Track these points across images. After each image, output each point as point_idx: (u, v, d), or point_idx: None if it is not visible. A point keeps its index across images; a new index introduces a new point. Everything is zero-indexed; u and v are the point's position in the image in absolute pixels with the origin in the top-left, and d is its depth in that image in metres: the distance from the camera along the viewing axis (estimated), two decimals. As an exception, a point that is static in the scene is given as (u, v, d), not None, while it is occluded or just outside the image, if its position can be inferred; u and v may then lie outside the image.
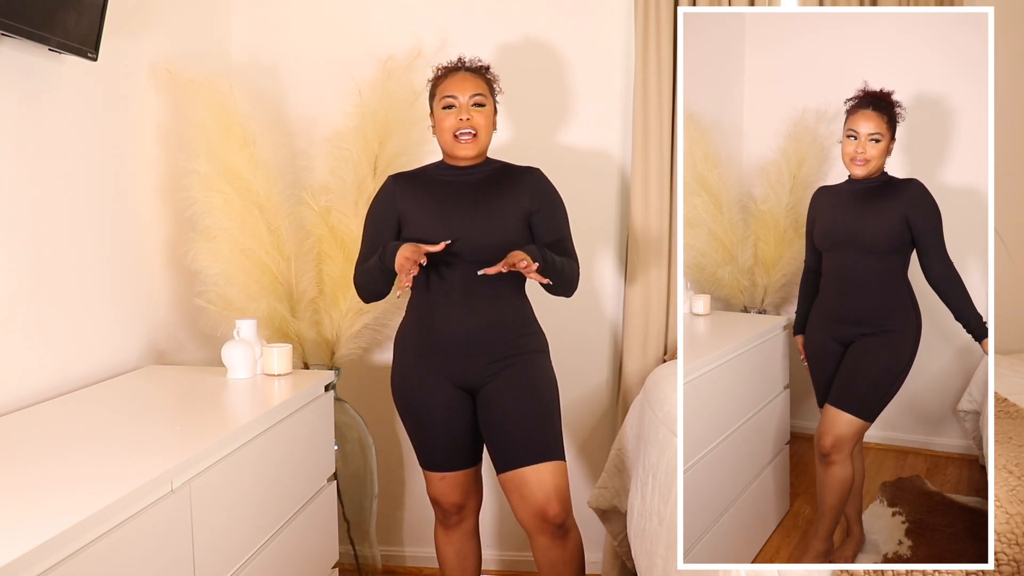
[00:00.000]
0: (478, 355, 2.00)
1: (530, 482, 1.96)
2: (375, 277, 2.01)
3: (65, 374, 1.94)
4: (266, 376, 2.08)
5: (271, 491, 1.79)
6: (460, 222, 1.99)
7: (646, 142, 2.59)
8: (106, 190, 2.12)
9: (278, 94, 2.75)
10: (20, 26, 1.63)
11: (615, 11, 2.70)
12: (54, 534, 1.10)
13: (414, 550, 2.91)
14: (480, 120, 1.99)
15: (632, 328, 2.65)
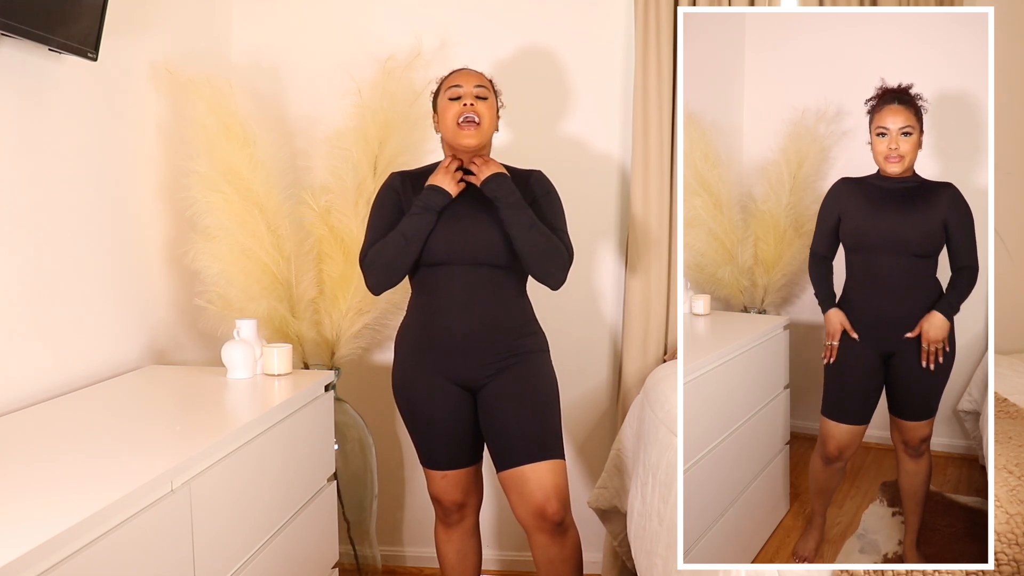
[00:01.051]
0: (478, 355, 2.00)
1: (529, 480, 1.96)
2: (410, 232, 1.95)
3: (65, 374, 1.94)
4: (266, 376, 2.08)
5: (271, 491, 1.79)
6: (461, 222, 1.99)
7: (646, 142, 2.59)
8: (106, 190, 2.12)
9: (278, 94, 2.76)
10: (20, 26, 1.63)
11: (615, 11, 2.70)
12: (54, 534, 1.10)
13: (414, 550, 2.91)
14: (483, 109, 2.00)
15: (632, 328, 2.65)
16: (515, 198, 1.95)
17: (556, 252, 1.97)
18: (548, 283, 2.00)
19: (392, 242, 1.97)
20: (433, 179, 2.00)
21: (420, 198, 1.98)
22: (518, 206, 1.95)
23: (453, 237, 1.97)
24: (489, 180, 1.97)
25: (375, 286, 2.02)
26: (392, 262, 1.97)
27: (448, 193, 1.98)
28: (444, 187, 1.98)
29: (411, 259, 1.98)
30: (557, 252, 1.97)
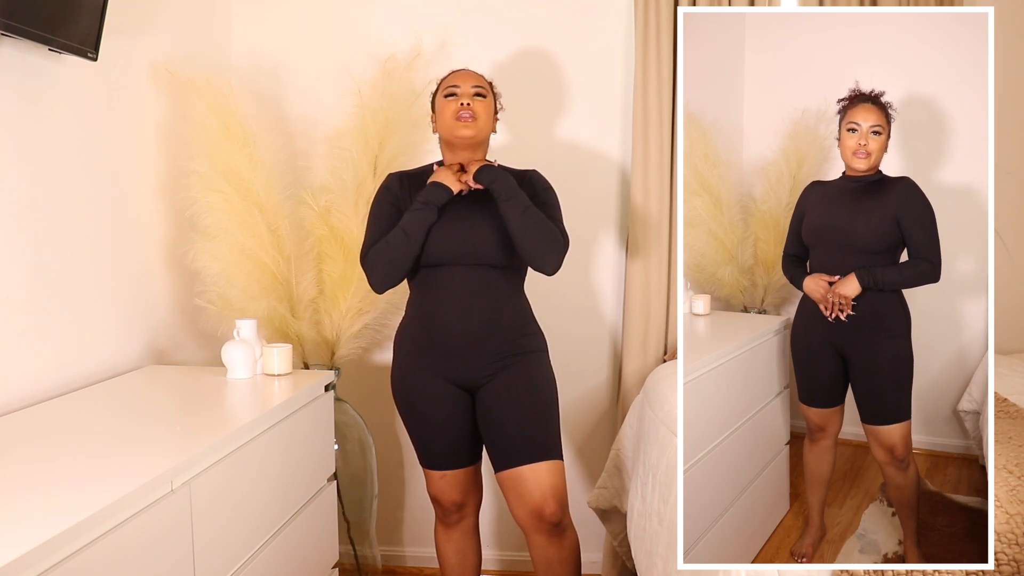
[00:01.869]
0: (478, 355, 2.00)
1: (527, 481, 1.96)
2: (411, 228, 1.95)
3: (65, 374, 1.94)
4: (266, 376, 2.08)
5: (271, 491, 1.79)
6: (460, 222, 1.99)
7: (646, 142, 2.59)
8: (106, 190, 2.12)
9: (278, 94, 2.75)
10: (20, 26, 1.63)
11: (615, 11, 2.70)
12: (54, 534, 1.10)
13: (414, 550, 2.91)
14: (480, 107, 2.00)
15: (632, 328, 2.65)
16: (508, 183, 1.96)
17: (550, 236, 1.95)
18: (544, 267, 1.96)
19: (394, 239, 1.96)
20: (435, 177, 2.01)
21: (422, 194, 1.98)
22: (511, 191, 1.95)
23: (452, 237, 1.97)
24: (480, 171, 1.98)
25: (379, 283, 2.00)
26: (395, 259, 1.96)
27: (450, 189, 1.98)
28: (446, 183, 1.98)
29: (413, 255, 1.97)
30: (551, 236, 1.95)
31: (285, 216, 2.42)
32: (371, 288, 2.02)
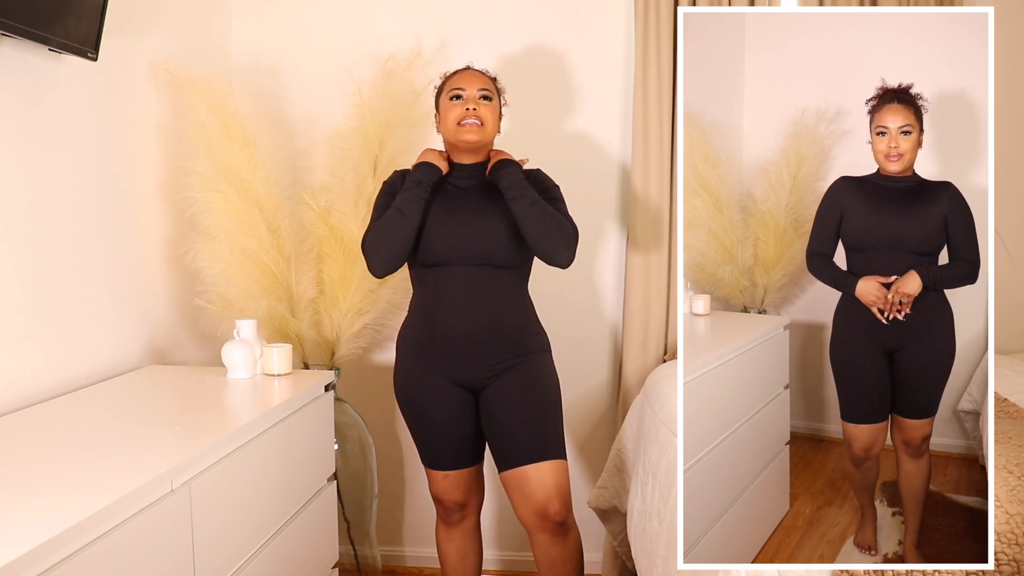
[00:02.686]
0: (480, 355, 2.00)
1: (531, 480, 1.96)
2: (405, 206, 1.94)
3: (65, 374, 1.94)
4: (266, 376, 2.08)
5: (271, 491, 1.79)
6: (463, 223, 1.99)
7: (646, 142, 2.59)
8: (106, 190, 2.12)
9: (278, 94, 2.75)
10: (20, 26, 1.63)
11: (615, 11, 2.70)
12: (54, 534, 1.10)
13: (414, 550, 2.91)
14: (486, 112, 2.00)
15: (632, 328, 2.65)
16: (516, 179, 1.96)
17: (560, 228, 1.94)
18: (557, 259, 1.95)
19: (389, 219, 1.95)
20: (423, 158, 2.02)
21: (411, 175, 1.99)
22: (519, 187, 1.95)
23: (454, 237, 1.97)
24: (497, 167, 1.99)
25: (379, 266, 1.96)
26: (392, 239, 1.94)
27: (438, 168, 2.00)
28: (434, 163, 2.00)
29: (410, 235, 1.95)
30: (561, 228, 1.95)
31: (285, 216, 2.42)
32: (371, 273, 1.99)
